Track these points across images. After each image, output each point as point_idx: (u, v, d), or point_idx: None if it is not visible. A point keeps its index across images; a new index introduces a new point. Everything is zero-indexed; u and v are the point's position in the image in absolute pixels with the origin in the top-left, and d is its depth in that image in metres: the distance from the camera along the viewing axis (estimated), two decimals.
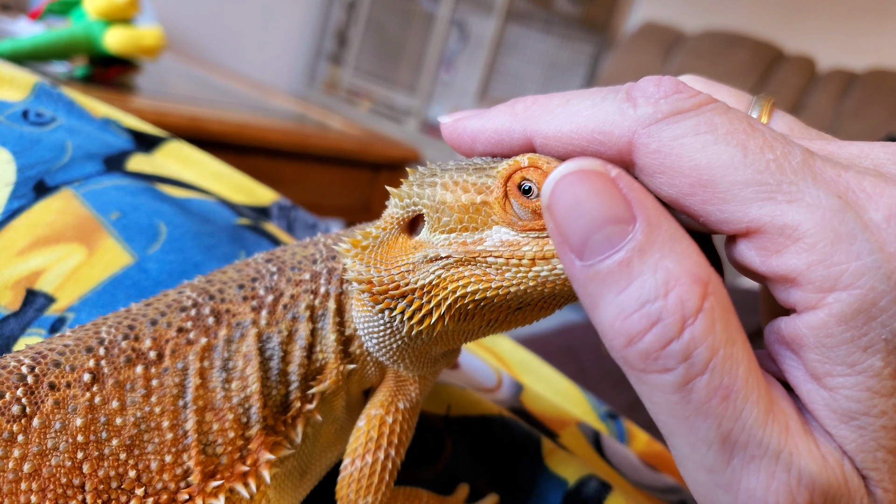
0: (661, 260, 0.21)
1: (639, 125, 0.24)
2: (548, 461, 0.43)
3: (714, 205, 0.23)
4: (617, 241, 0.22)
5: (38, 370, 0.29)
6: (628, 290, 0.21)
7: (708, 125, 0.23)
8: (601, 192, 0.22)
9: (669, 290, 0.21)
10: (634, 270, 0.21)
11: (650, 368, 0.22)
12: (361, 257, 0.31)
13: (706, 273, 0.21)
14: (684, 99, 0.24)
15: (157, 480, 0.29)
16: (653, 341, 0.21)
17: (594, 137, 0.25)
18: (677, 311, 0.21)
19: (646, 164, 0.24)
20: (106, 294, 0.43)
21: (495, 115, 0.29)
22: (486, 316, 0.29)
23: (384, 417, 0.34)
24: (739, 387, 0.21)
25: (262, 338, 0.33)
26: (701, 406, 0.21)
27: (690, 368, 0.21)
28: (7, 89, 0.54)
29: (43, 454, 0.27)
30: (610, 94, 0.25)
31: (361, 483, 0.33)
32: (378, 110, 3.42)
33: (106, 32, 1.15)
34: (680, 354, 0.21)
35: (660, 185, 0.24)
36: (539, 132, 0.27)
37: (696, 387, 0.21)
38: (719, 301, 0.21)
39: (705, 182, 0.23)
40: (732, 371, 0.21)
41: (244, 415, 0.31)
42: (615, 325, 0.22)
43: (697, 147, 0.23)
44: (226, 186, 0.59)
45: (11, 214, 0.45)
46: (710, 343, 0.21)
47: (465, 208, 0.28)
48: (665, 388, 0.22)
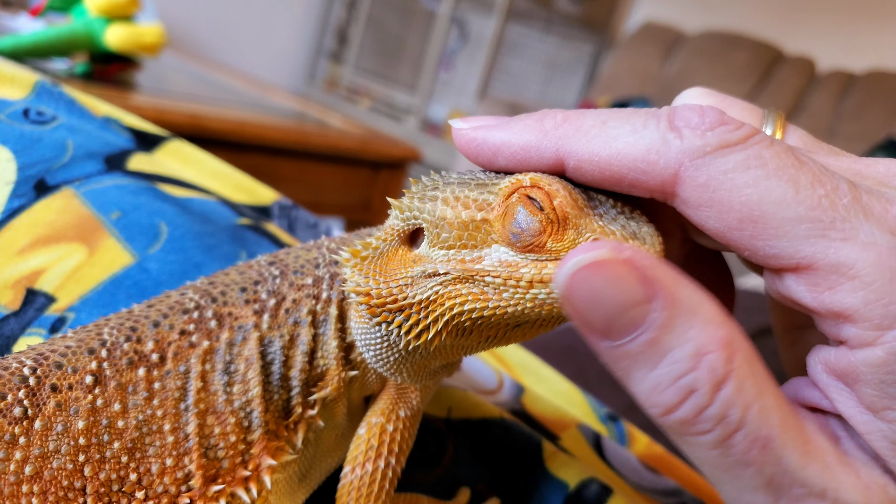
0: (687, 331, 0.21)
1: (686, 157, 0.24)
2: (549, 464, 0.43)
3: (764, 240, 0.23)
4: (640, 321, 0.22)
5: (41, 372, 0.29)
6: (661, 366, 0.22)
7: (758, 159, 0.23)
8: (618, 280, 0.22)
9: (700, 361, 0.21)
10: (663, 347, 0.22)
11: (689, 432, 0.22)
12: (360, 268, 0.30)
13: (730, 332, 0.22)
14: (731, 131, 0.24)
15: (158, 484, 0.29)
16: (689, 410, 0.21)
17: (636, 166, 0.25)
18: (711, 381, 0.21)
19: (691, 197, 0.24)
20: (106, 294, 0.43)
21: (522, 130, 0.27)
22: (484, 333, 0.29)
23: (385, 426, 0.34)
24: (776, 434, 0.21)
25: (263, 342, 0.32)
26: (741, 457, 0.22)
27: (727, 427, 0.21)
28: (8, 87, 0.54)
29: (44, 456, 0.27)
30: (651, 119, 0.25)
31: (361, 491, 0.33)
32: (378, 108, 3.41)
33: (107, 29, 1.15)
34: (716, 418, 0.21)
35: (705, 219, 0.24)
36: (573, 154, 0.26)
37: (735, 441, 0.21)
38: (746, 356, 0.22)
39: (756, 218, 0.23)
40: (768, 421, 0.21)
41: (246, 419, 0.31)
42: (651, 398, 0.22)
43: (748, 182, 0.23)
44: (227, 186, 0.59)
45: (12, 213, 0.45)
46: (743, 401, 0.21)
47: (464, 225, 0.27)
48: (705, 446, 0.22)
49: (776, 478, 0.21)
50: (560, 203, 0.26)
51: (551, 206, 0.26)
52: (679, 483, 0.53)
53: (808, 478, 0.21)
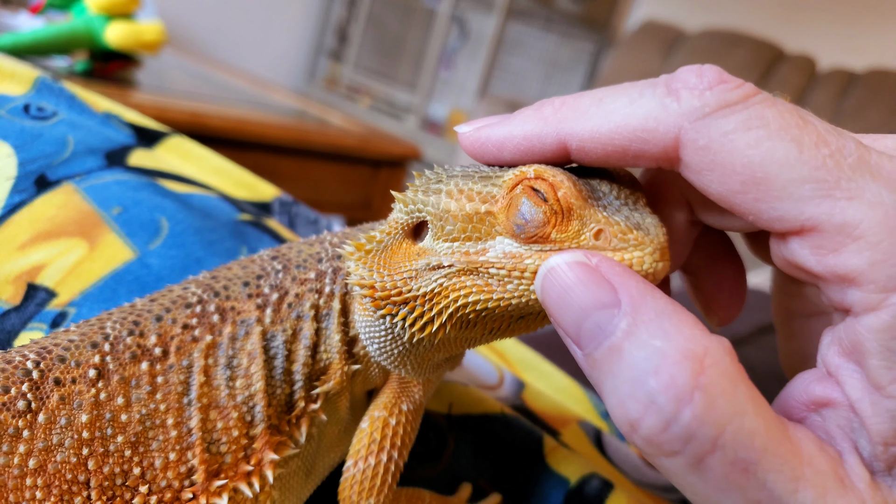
0: (649, 340, 0.21)
1: (685, 120, 0.23)
2: (549, 460, 0.43)
3: (767, 202, 0.22)
4: (606, 326, 0.22)
5: (44, 365, 0.29)
6: (622, 375, 0.21)
7: (759, 119, 0.22)
8: (584, 282, 0.23)
9: (659, 371, 0.20)
10: (626, 355, 0.21)
11: (659, 453, 0.21)
12: (364, 261, 0.30)
13: (701, 346, 0.20)
14: (731, 90, 0.23)
15: (161, 478, 0.29)
16: (653, 426, 0.20)
17: (636, 136, 0.24)
18: (669, 391, 0.20)
19: (693, 160, 0.23)
20: (107, 289, 0.43)
21: (522, 121, 0.27)
22: (488, 325, 0.29)
23: (387, 419, 0.34)
24: (757, 458, 0.20)
25: (266, 336, 0.32)
26: (721, 483, 0.20)
27: (699, 448, 0.20)
28: (8, 83, 0.54)
29: (48, 450, 0.27)
30: (647, 88, 0.24)
31: (364, 485, 0.33)
32: (378, 107, 3.41)
33: (107, 27, 1.15)
34: (682, 436, 0.20)
35: (708, 183, 0.23)
36: (574, 135, 0.26)
37: (710, 465, 0.20)
38: (720, 372, 0.20)
39: (759, 179, 0.22)
40: (747, 443, 0.20)
41: (248, 413, 0.31)
42: (616, 412, 0.21)
43: (750, 143, 0.22)
44: (227, 182, 0.59)
45: (13, 209, 0.45)
46: (715, 419, 0.20)
47: (468, 217, 0.27)
48: (680, 471, 0.21)
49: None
50: (564, 194, 0.26)
51: (555, 197, 0.26)
52: None
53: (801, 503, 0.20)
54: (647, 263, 0.25)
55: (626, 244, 0.25)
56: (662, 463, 0.21)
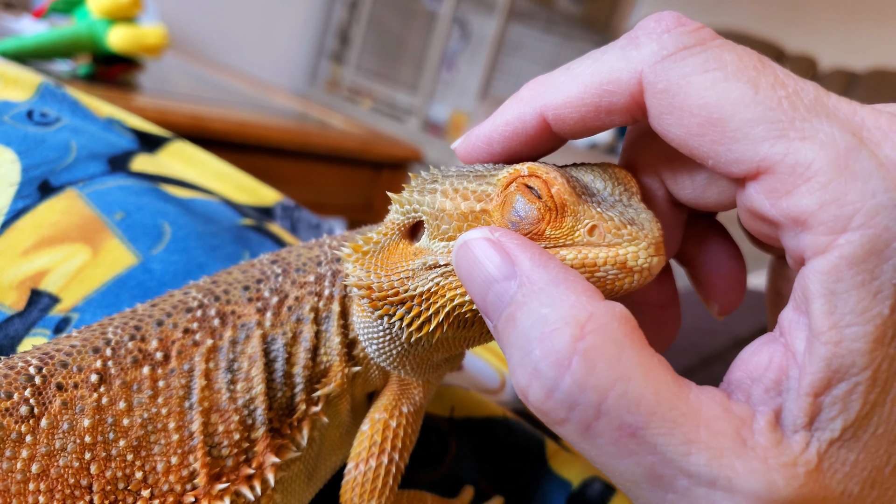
0: (538, 308, 0.21)
1: (644, 64, 0.23)
2: (551, 463, 0.43)
3: (724, 144, 0.22)
4: (504, 296, 0.22)
5: (46, 371, 0.29)
6: (515, 344, 0.21)
7: (717, 61, 0.22)
8: (487, 255, 0.23)
9: (543, 338, 0.20)
10: (518, 324, 0.21)
11: (550, 421, 0.21)
12: (362, 262, 0.31)
13: (585, 311, 0.20)
14: (688, 33, 0.23)
15: (164, 482, 0.29)
16: (538, 393, 0.20)
17: (603, 90, 0.24)
18: (549, 357, 0.20)
19: (653, 104, 0.23)
20: (110, 294, 0.43)
21: (503, 110, 0.28)
22: (486, 324, 0.29)
23: (388, 421, 0.34)
24: (645, 422, 0.20)
25: (266, 339, 0.33)
26: (611, 449, 0.20)
27: (583, 415, 0.20)
28: (12, 89, 0.54)
29: (51, 455, 0.28)
30: (609, 46, 0.25)
31: (365, 487, 0.33)
32: (379, 109, 3.42)
33: (109, 31, 1.15)
34: (566, 403, 0.20)
35: (668, 127, 0.23)
36: (549, 105, 0.26)
37: (598, 431, 0.20)
38: (604, 337, 0.20)
39: (715, 121, 0.22)
40: (633, 408, 0.20)
41: (249, 416, 0.31)
42: (514, 382, 0.21)
43: (706, 84, 0.22)
44: (229, 186, 0.59)
45: (16, 214, 0.45)
46: (596, 384, 0.20)
47: (464, 216, 0.27)
48: (573, 438, 0.21)
49: (657, 469, 0.20)
50: (558, 190, 0.26)
51: (549, 194, 0.26)
52: None
53: (693, 466, 0.19)
54: (642, 258, 0.25)
55: (621, 239, 0.25)
56: (558, 431, 0.21)
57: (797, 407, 0.20)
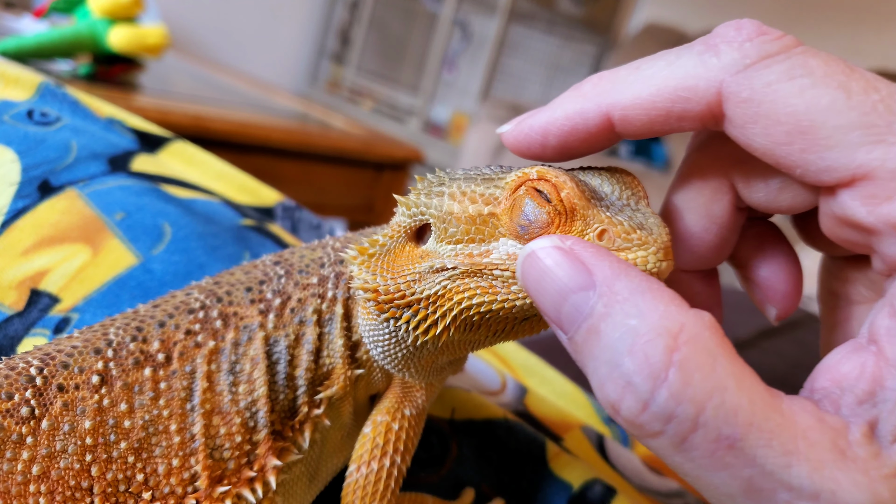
0: (624, 319, 0.20)
1: (726, 73, 0.23)
2: (552, 465, 0.43)
3: (815, 153, 0.21)
4: (583, 308, 0.21)
5: (47, 371, 0.29)
6: (600, 357, 0.21)
7: (803, 67, 0.21)
8: (560, 265, 0.22)
9: (634, 350, 0.20)
10: (603, 336, 0.21)
11: (643, 434, 0.20)
12: (368, 265, 0.30)
13: (676, 322, 0.20)
14: (771, 41, 0.22)
15: (165, 484, 0.29)
16: (632, 406, 0.20)
17: (678, 96, 0.24)
18: (644, 370, 0.19)
19: (736, 114, 0.23)
20: (110, 294, 0.43)
21: (562, 102, 0.27)
22: (492, 327, 0.29)
23: (390, 424, 0.34)
24: (742, 433, 0.19)
25: (269, 341, 0.32)
26: (708, 461, 0.19)
27: (680, 427, 0.19)
28: (12, 89, 0.54)
29: (51, 456, 0.27)
30: (684, 50, 0.24)
31: (367, 490, 0.33)
32: (380, 109, 3.42)
33: (110, 31, 1.15)
34: (662, 416, 0.19)
35: (752, 137, 0.22)
36: (616, 105, 0.25)
37: (695, 444, 0.19)
38: (698, 347, 0.20)
39: (805, 129, 0.21)
40: (730, 419, 0.19)
41: (251, 419, 0.31)
42: (600, 396, 0.21)
43: (794, 92, 0.21)
44: (230, 187, 0.59)
45: (16, 214, 0.45)
46: (693, 396, 0.19)
47: (472, 219, 0.27)
48: (666, 451, 0.20)
49: (755, 482, 0.19)
50: (567, 194, 0.26)
51: (559, 198, 0.26)
52: (682, 484, 0.53)
53: (794, 479, 0.19)
54: (651, 263, 0.25)
55: (630, 244, 0.25)
56: (650, 444, 0.21)
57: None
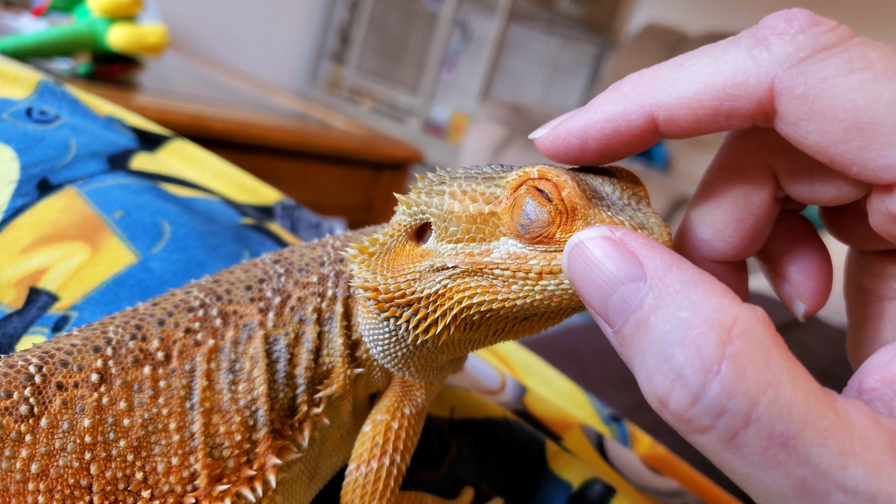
0: (676, 311, 0.20)
1: (778, 68, 0.22)
2: (552, 464, 0.43)
3: (874, 150, 0.20)
4: (632, 300, 0.21)
5: (46, 370, 0.29)
6: (649, 350, 0.20)
7: (862, 60, 0.20)
8: (609, 255, 0.22)
9: (685, 343, 0.19)
10: (652, 328, 0.20)
11: (691, 430, 0.20)
12: (368, 264, 0.30)
13: (729, 315, 0.19)
14: (826, 33, 0.21)
15: (164, 483, 0.29)
16: (681, 400, 0.19)
17: (726, 94, 0.23)
18: (695, 363, 0.19)
19: (789, 111, 0.22)
20: (109, 293, 0.43)
21: (602, 104, 0.26)
22: (493, 326, 0.29)
23: (390, 423, 0.34)
24: (797, 431, 0.18)
25: (269, 340, 0.32)
26: (760, 459, 0.19)
27: (731, 422, 0.19)
28: (11, 87, 0.54)
29: (50, 454, 0.27)
30: (731, 44, 0.23)
31: (367, 489, 0.33)
32: (380, 109, 3.42)
33: (109, 30, 1.15)
34: (713, 410, 0.19)
35: (805, 135, 0.22)
36: (660, 105, 0.24)
37: (746, 440, 0.19)
38: (751, 341, 0.19)
39: (864, 125, 0.20)
40: (784, 416, 0.18)
41: (251, 417, 0.31)
42: (646, 390, 0.20)
43: (853, 86, 0.20)
44: (229, 186, 0.59)
45: (15, 212, 0.45)
46: (746, 391, 0.19)
47: (472, 218, 0.27)
48: (714, 447, 0.20)
49: (808, 482, 0.19)
50: (569, 193, 0.26)
51: (560, 197, 0.26)
52: (682, 484, 0.53)
53: (850, 481, 0.18)
54: None
55: None
56: (696, 440, 0.20)
57: None
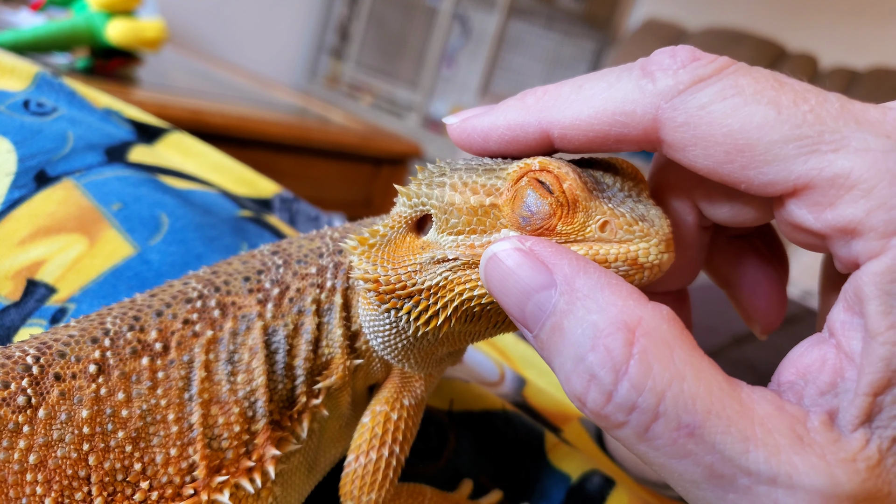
0: (585, 315, 0.21)
1: (661, 100, 0.23)
2: (551, 456, 0.43)
3: (755, 168, 0.22)
4: (545, 306, 0.22)
5: (44, 360, 0.29)
6: (565, 352, 0.21)
7: (734, 87, 0.22)
8: (521, 265, 0.23)
9: (596, 344, 0.21)
10: (566, 332, 0.21)
11: (609, 426, 0.21)
12: (368, 255, 0.30)
13: (634, 315, 0.21)
14: (704, 66, 0.23)
15: (163, 474, 0.29)
16: (596, 398, 0.21)
17: (615, 120, 0.24)
18: (606, 363, 0.20)
19: (675, 139, 0.23)
20: (107, 285, 0.43)
21: (506, 111, 0.27)
22: (493, 318, 0.29)
23: (389, 414, 0.34)
24: (701, 421, 0.20)
25: (267, 331, 0.32)
26: (670, 449, 0.20)
27: (642, 417, 0.20)
28: (8, 79, 0.54)
29: (48, 445, 0.27)
30: (624, 72, 0.25)
31: (365, 480, 0.33)
32: (379, 105, 3.41)
33: (108, 24, 1.14)
34: (625, 406, 0.20)
35: (694, 159, 0.23)
36: (556, 123, 0.26)
37: (657, 433, 0.20)
38: (655, 339, 0.20)
39: (741, 147, 0.22)
40: (689, 407, 0.20)
41: (250, 409, 0.31)
42: (567, 390, 0.22)
43: (727, 112, 0.22)
44: (228, 178, 0.59)
45: (12, 204, 0.45)
46: (654, 386, 0.20)
47: (473, 210, 0.27)
48: (631, 441, 0.21)
49: (716, 468, 0.20)
50: (570, 186, 0.26)
51: (561, 189, 0.26)
52: None
53: (752, 464, 0.19)
54: (653, 255, 0.25)
55: (632, 235, 0.25)
56: (615, 434, 0.21)
57: (855, 407, 0.20)
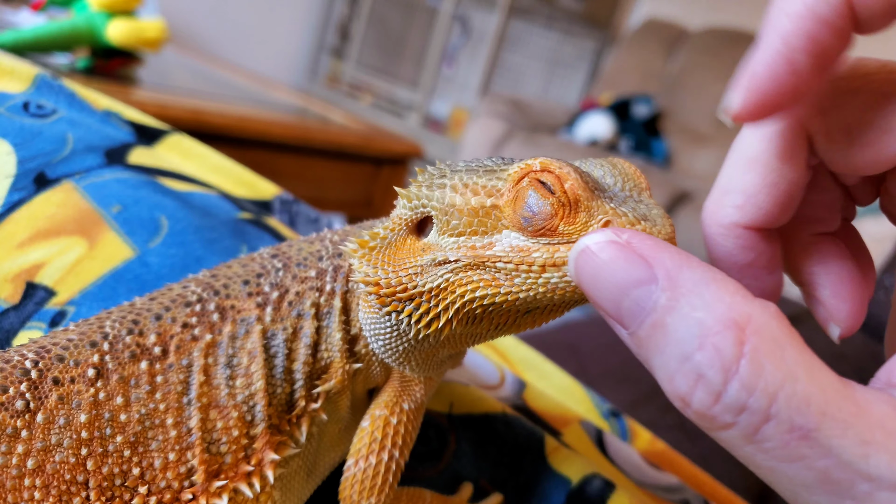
0: (691, 312, 0.20)
1: None
2: (551, 460, 0.43)
3: None
4: (646, 303, 0.21)
5: (42, 365, 0.28)
6: (668, 351, 0.20)
7: None
8: (617, 259, 0.22)
9: (703, 343, 0.20)
10: (669, 330, 0.20)
11: (714, 427, 0.20)
12: (368, 258, 0.30)
13: (743, 312, 0.20)
14: None
15: (161, 479, 0.29)
16: (703, 399, 0.20)
17: None
18: (715, 363, 0.19)
19: None
20: (107, 288, 0.43)
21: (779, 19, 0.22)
22: (495, 320, 0.29)
23: (388, 418, 0.34)
24: (816, 423, 0.19)
25: (266, 335, 0.32)
26: (782, 452, 0.19)
27: (752, 418, 0.19)
28: (8, 81, 0.54)
29: (47, 450, 0.27)
30: None
31: (365, 484, 0.33)
32: (380, 104, 3.41)
33: (108, 24, 1.14)
34: (734, 407, 0.19)
35: None
36: None
37: (767, 433, 0.19)
38: (766, 338, 0.20)
39: None
40: (803, 409, 0.19)
41: (249, 413, 0.31)
42: (668, 389, 0.21)
43: None
44: (227, 180, 0.59)
45: (12, 207, 0.44)
46: (765, 386, 0.19)
47: (474, 211, 0.27)
48: (737, 443, 0.20)
49: (831, 473, 0.19)
50: (571, 186, 0.25)
51: (562, 189, 0.25)
52: (681, 479, 0.53)
53: (873, 469, 0.18)
54: None
55: None
56: (719, 436, 0.21)
57: None
